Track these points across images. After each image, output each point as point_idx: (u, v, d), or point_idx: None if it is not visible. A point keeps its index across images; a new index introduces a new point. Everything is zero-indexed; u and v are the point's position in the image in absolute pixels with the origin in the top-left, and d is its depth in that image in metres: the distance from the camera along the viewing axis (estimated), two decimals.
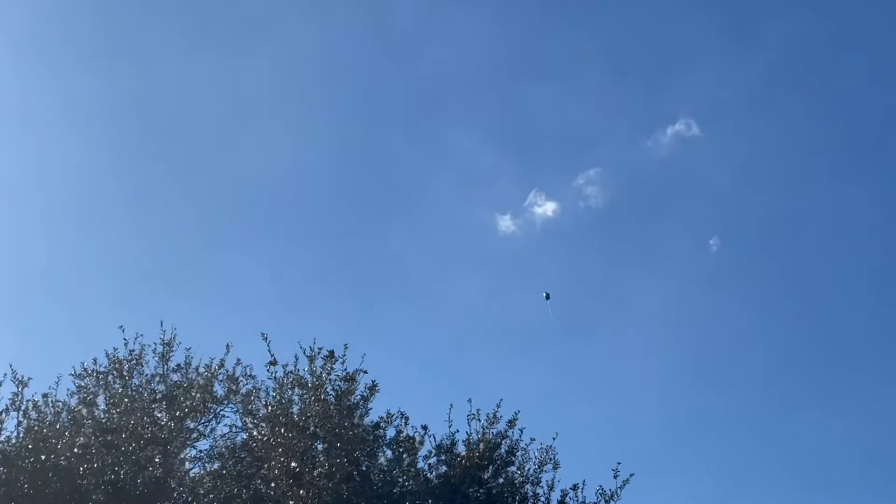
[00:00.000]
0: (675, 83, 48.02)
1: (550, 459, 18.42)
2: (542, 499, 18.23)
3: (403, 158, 50.12)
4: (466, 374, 44.99)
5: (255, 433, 17.07)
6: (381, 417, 17.33)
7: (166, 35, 48.23)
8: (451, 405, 18.03)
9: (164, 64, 48.48)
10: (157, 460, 17.27)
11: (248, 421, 17.47)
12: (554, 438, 18.54)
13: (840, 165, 48.12)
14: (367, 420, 17.40)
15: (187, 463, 18.88)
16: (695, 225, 47.79)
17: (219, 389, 19.12)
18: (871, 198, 47.26)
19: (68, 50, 48.66)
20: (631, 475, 18.36)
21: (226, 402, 19.03)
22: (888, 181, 47.34)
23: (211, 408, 19.21)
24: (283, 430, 16.56)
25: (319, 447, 16.61)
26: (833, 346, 47.19)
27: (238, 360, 19.23)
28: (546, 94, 48.63)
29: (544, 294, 29.79)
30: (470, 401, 17.88)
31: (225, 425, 18.98)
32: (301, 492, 15.93)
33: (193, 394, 18.78)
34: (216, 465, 18.03)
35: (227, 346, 19.27)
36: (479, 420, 17.95)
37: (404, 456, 16.90)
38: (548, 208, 44.81)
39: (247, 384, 18.98)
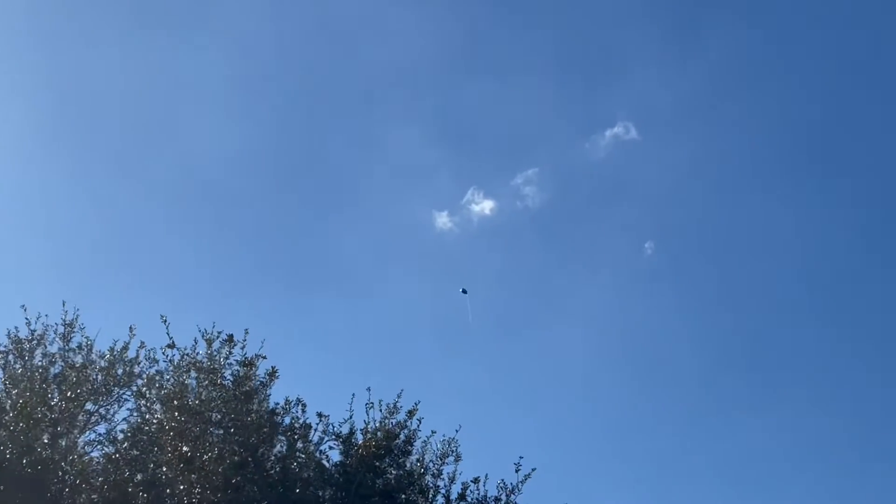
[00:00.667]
0: (616, 87, 48.36)
1: (452, 452, 18.36)
2: (443, 490, 18.18)
3: (342, 152, 49.95)
4: (399, 368, 44.88)
5: (147, 417, 16.77)
6: (278, 404, 17.14)
7: (110, 16, 47.61)
8: (353, 394, 17.94)
9: (105, 45, 47.82)
10: (45, 441, 16.95)
11: (142, 404, 17.18)
12: (457, 430, 18.49)
13: (774, 172, 48.72)
14: (265, 406, 17.20)
15: (85, 446, 18.59)
16: (630, 228, 48.09)
17: (121, 372, 18.92)
18: (803, 204, 47.84)
19: (11, 26, 47.79)
20: (533, 470, 18.39)
21: (127, 385, 18.77)
22: (821, 188, 47.96)
23: (113, 391, 18.97)
24: (176, 414, 16.33)
25: (214, 432, 16.35)
26: (763, 350, 47.74)
27: (142, 342, 19.02)
28: (486, 92, 48.74)
29: (461, 290, 30.00)
30: (369, 390, 17.78)
31: (127, 409, 18.78)
32: (192, 476, 15.70)
33: (93, 376, 18.52)
34: (111, 449, 17.72)
35: (131, 328, 19.05)
36: (381, 410, 17.85)
37: (299, 443, 16.71)
38: (485, 206, 44.92)
39: (149, 367, 18.76)
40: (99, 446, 18.45)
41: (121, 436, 17.92)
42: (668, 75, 48.30)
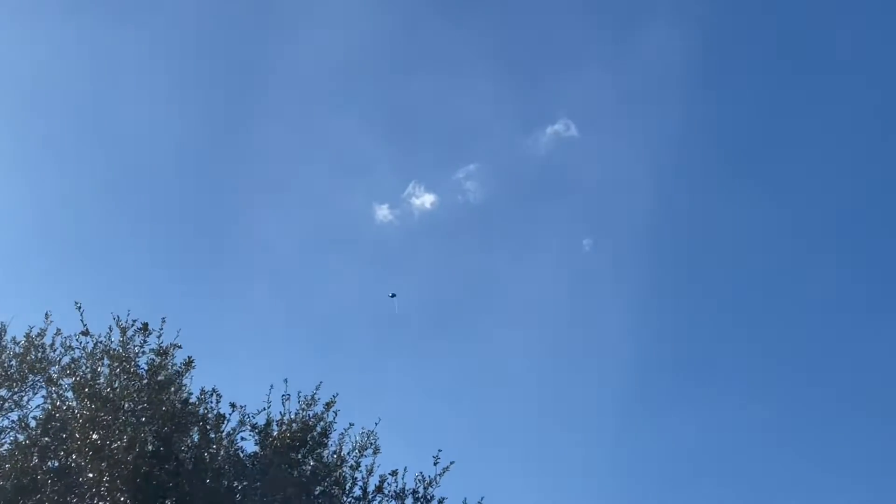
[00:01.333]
0: (557, 83, 48.62)
1: (371, 444, 18.35)
2: (360, 483, 18.17)
3: (281, 143, 49.65)
4: (335, 361, 44.81)
5: (59, 404, 16.54)
6: (191, 394, 16.99)
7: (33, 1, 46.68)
8: (272, 385, 17.85)
9: (27, 29, 46.91)
10: None
11: (53, 391, 16.93)
12: (376, 423, 18.52)
13: (711, 169, 49.26)
14: (180, 396, 17.04)
15: None
16: (569, 224, 48.37)
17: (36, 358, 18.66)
18: (740, 201, 48.42)
19: None
20: (451, 463, 18.50)
21: (42, 372, 18.52)
22: (763, 185, 48.54)
23: (28, 377, 18.71)
24: (87, 402, 16.13)
25: (126, 421, 16.16)
26: (697, 347, 48.32)
27: (58, 329, 18.79)
28: (428, 85, 48.79)
29: (391, 294, 30.29)
30: (286, 381, 17.70)
31: (41, 396, 18.53)
32: (102, 465, 15.51)
33: (7, 362, 18.26)
34: (22, 437, 17.44)
35: (46, 314, 18.82)
36: (299, 402, 17.79)
37: (212, 434, 16.59)
38: (426, 200, 44.99)
39: (64, 355, 18.52)
40: (11, 433, 18.23)
41: (33, 423, 17.65)
42: (608, 73, 48.73)
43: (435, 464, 18.31)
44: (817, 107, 47.26)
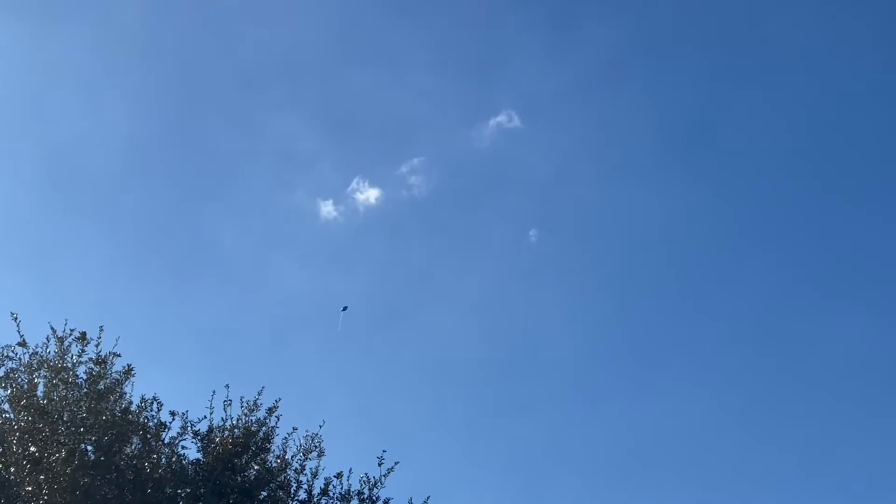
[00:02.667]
0: (499, 75, 48.75)
1: (316, 447, 18.38)
2: (305, 486, 18.18)
3: (220, 139, 49.23)
4: (279, 360, 44.64)
5: None
6: (131, 403, 16.87)
7: None
8: (214, 391, 17.80)
9: None
10: None
11: None
12: (320, 426, 18.54)
13: (655, 161, 49.80)
14: (121, 405, 16.90)
15: None
16: (515, 216, 48.61)
17: None
18: (685, 193, 49.04)
19: None
20: (396, 463, 18.56)
21: None
22: (703, 177, 49.23)
23: None
24: (23, 414, 15.94)
25: (64, 432, 15.97)
26: (640, 341, 48.90)
27: None
28: (370, 80, 48.70)
29: (343, 308, 30.51)
30: (227, 387, 17.66)
31: None
32: (41, 477, 15.33)
33: None
34: None
35: None
36: (242, 407, 17.74)
37: (152, 442, 16.48)
38: (370, 195, 44.95)
39: (1, 366, 18.20)
40: None
41: None
42: (551, 64, 48.99)
43: (380, 464, 18.37)
44: (757, 94, 48.01)
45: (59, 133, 46.93)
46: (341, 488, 18.27)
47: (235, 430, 17.28)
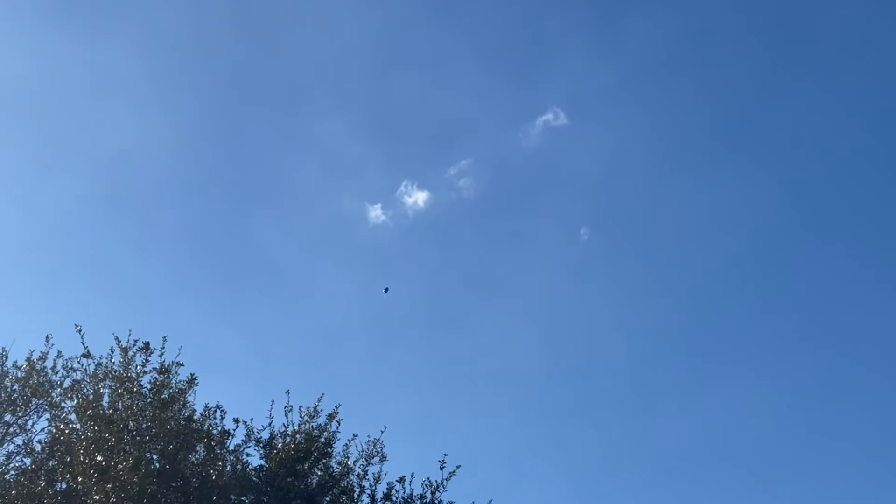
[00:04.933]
0: (544, 74, 48.46)
1: (378, 452, 18.41)
2: (368, 491, 18.19)
3: (269, 148, 49.61)
4: (334, 365, 44.82)
5: (62, 427, 16.55)
6: (195, 411, 17.01)
7: (23, 9, 46.55)
8: (273, 400, 17.92)
9: (19, 39, 46.81)
10: None
11: (56, 414, 16.95)
12: (382, 432, 18.56)
13: (706, 155, 49.15)
14: (185, 413, 17.04)
15: (3, 458, 18.31)
16: (565, 214, 48.25)
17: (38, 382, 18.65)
18: (738, 186, 48.31)
19: None
20: (458, 467, 18.54)
21: (45, 395, 18.50)
22: (755, 169, 48.48)
23: (31, 401, 18.71)
24: (90, 424, 16.15)
25: (130, 441, 16.15)
26: (697, 338, 48.27)
27: (59, 352, 18.78)
28: (415, 84, 48.69)
29: (384, 290, 30.83)
30: (288, 393, 17.75)
31: (45, 419, 18.54)
32: (108, 486, 15.51)
33: (10, 386, 18.28)
34: (28, 462, 17.49)
35: (47, 337, 18.81)
36: (302, 415, 17.83)
37: (216, 450, 16.60)
38: (419, 198, 44.89)
39: (66, 377, 18.51)
40: (17, 458, 18.25)
41: (38, 447, 17.69)
42: (596, 61, 48.68)
43: (441, 468, 18.37)
44: (808, 84, 47.21)
45: (108, 143, 47.69)
46: (404, 493, 18.28)
47: (297, 437, 17.36)
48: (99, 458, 15.77)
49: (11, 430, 18.52)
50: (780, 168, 47.97)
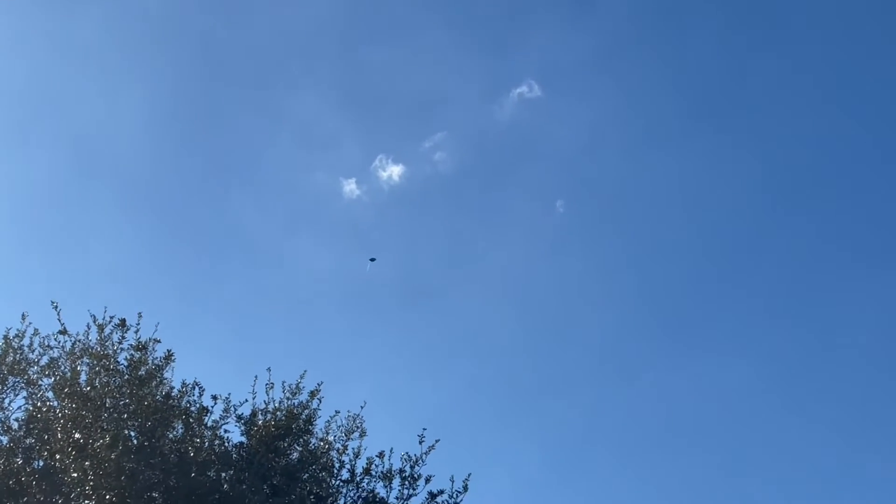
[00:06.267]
0: (517, 46, 48.20)
1: (357, 427, 18.43)
2: (348, 466, 18.23)
3: (242, 122, 49.17)
4: (309, 339, 44.78)
5: (39, 405, 16.47)
6: (173, 388, 16.96)
7: None
8: (256, 376, 17.88)
9: None
10: None
11: (33, 392, 16.85)
12: (362, 407, 18.57)
13: (681, 128, 49.08)
14: (162, 390, 16.99)
15: None
16: (541, 188, 48.13)
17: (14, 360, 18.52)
18: (712, 160, 48.34)
19: None
20: (437, 441, 18.56)
21: (21, 373, 18.39)
22: (729, 143, 48.46)
23: (7, 379, 18.59)
24: (67, 401, 16.08)
25: (108, 418, 16.09)
26: (672, 311, 48.45)
27: (35, 329, 18.65)
28: (389, 57, 48.39)
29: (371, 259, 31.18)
30: (269, 370, 17.72)
31: (22, 397, 18.44)
32: (86, 463, 15.46)
33: None
34: (5, 440, 17.40)
35: (23, 315, 18.66)
36: (284, 391, 17.81)
37: (195, 426, 16.57)
38: (394, 172, 44.70)
39: (43, 355, 18.39)
40: None
41: (15, 424, 17.61)
42: (570, 33, 48.36)
43: (420, 442, 18.38)
44: (780, 56, 47.20)
45: (79, 116, 47.09)
46: (383, 467, 18.31)
47: (278, 414, 17.34)
48: (76, 435, 15.72)
49: None
50: (755, 142, 48.10)
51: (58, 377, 16.62)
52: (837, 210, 47.86)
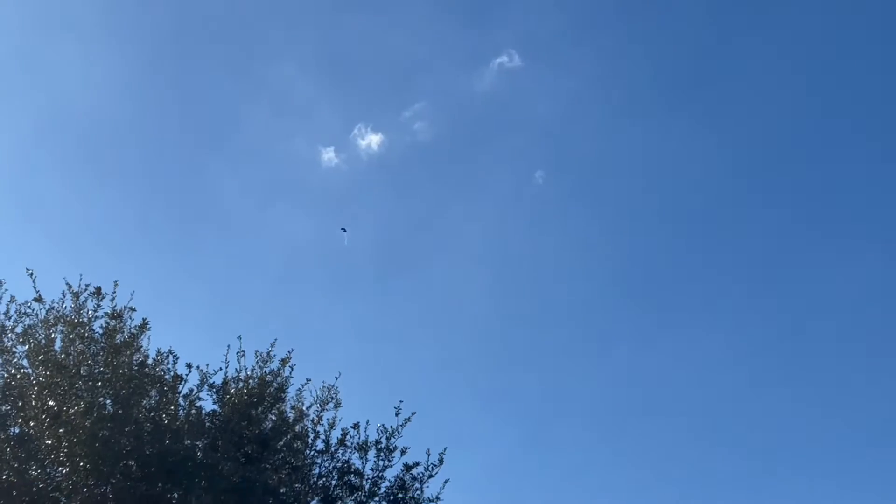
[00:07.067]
0: (498, 15, 47.78)
1: (332, 398, 18.57)
2: (322, 437, 18.36)
3: (218, 88, 48.61)
4: (284, 309, 44.80)
5: (13, 371, 16.52)
6: (147, 356, 17.03)
7: None
8: (228, 345, 17.96)
9: None
10: None
11: (8, 360, 16.89)
12: (336, 378, 18.71)
13: (661, 101, 48.95)
14: (137, 359, 17.05)
15: None
16: (520, 158, 48.01)
17: None
18: (691, 134, 48.32)
19: None
20: (413, 413, 18.72)
21: None
22: (709, 117, 48.39)
23: None
24: (41, 369, 16.15)
25: (82, 386, 16.15)
26: (647, 284, 48.68)
27: (12, 297, 18.62)
28: (367, 25, 47.76)
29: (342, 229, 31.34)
30: (240, 338, 17.82)
31: None
32: (60, 430, 15.55)
33: None
34: None
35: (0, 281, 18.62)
36: (256, 359, 17.90)
37: (169, 395, 16.67)
38: (373, 141, 44.48)
39: (20, 322, 18.38)
40: None
41: None
42: (549, 2, 48.00)
43: (396, 414, 18.55)
44: (762, 31, 47.02)
45: (53, 81, 46.42)
46: (359, 439, 18.47)
47: (250, 382, 17.46)
48: (51, 402, 15.79)
49: None
50: (737, 116, 47.84)
51: (32, 344, 16.63)
52: (816, 186, 48.05)
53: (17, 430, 16.66)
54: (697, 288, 48.13)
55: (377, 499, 18.38)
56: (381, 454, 18.51)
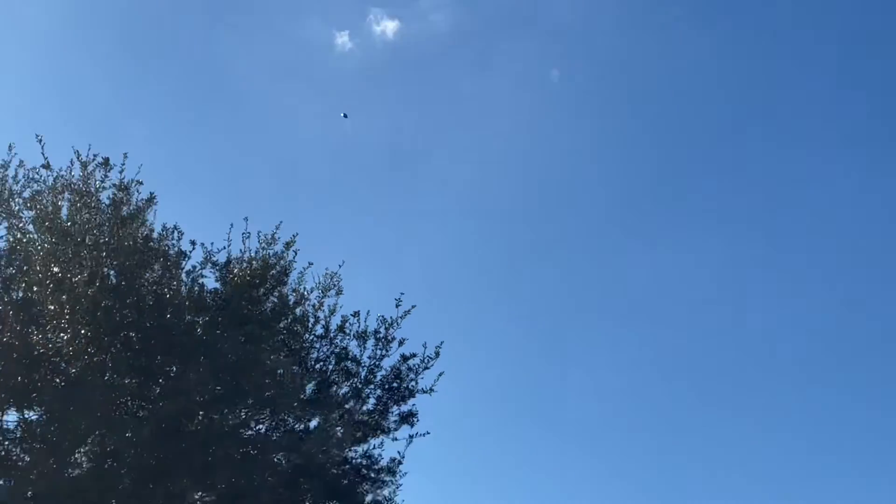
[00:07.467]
0: None
1: (335, 286, 18.67)
2: (322, 322, 18.54)
3: None
4: (295, 195, 44.64)
5: (19, 236, 16.56)
6: (153, 231, 17.09)
7: None
8: (232, 224, 17.95)
9: None
10: None
11: (14, 224, 16.90)
12: (340, 266, 18.76)
13: (690, 9, 47.70)
14: (143, 232, 17.09)
15: None
16: (536, 55, 46.95)
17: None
18: (718, 44, 47.15)
19: None
20: (413, 306, 18.86)
21: (5, 203, 18.38)
22: (736, 27, 47.24)
23: None
24: (48, 236, 16.20)
25: (87, 255, 16.21)
26: (662, 183, 48.36)
27: (21, 161, 18.56)
28: None
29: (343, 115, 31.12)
30: (246, 220, 17.81)
31: (4, 227, 18.49)
32: (63, 297, 15.67)
33: None
34: None
35: (10, 146, 18.52)
36: (259, 241, 17.92)
37: (172, 269, 16.75)
38: (388, 28, 43.59)
39: (27, 188, 18.36)
40: None
41: None
42: None
43: (397, 306, 18.69)
44: None
45: None
46: (358, 327, 18.65)
47: (253, 263, 17.51)
48: (55, 269, 15.87)
49: None
50: (759, 22, 46.57)
51: (38, 211, 16.63)
52: (806, 114, 47.14)
53: (20, 295, 16.79)
54: (710, 190, 47.78)
55: (372, 386, 18.66)
56: (380, 343, 18.73)
